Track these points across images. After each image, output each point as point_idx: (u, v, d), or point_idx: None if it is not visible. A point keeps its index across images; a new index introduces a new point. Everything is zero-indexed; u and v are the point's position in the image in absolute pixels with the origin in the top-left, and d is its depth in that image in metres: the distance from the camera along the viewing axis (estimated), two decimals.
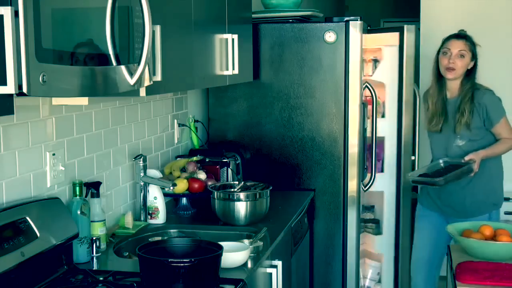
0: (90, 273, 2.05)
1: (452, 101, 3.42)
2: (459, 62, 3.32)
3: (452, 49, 3.34)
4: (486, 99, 3.33)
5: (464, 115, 3.29)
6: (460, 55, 3.33)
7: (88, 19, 1.51)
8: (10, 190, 1.98)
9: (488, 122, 3.34)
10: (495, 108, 3.34)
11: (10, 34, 1.17)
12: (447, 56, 3.35)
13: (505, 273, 2.59)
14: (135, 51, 1.67)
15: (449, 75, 3.34)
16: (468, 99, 3.31)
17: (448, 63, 3.34)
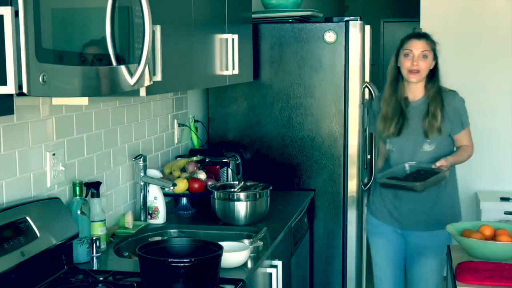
0: (90, 273, 2.05)
1: (416, 105, 3.06)
2: (423, 64, 3.00)
3: (414, 50, 3.00)
4: (457, 102, 3.07)
5: (437, 119, 2.98)
6: (423, 55, 3.01)
7: (88, 19, 1.51)
8: (10, 190, 1.98)
9: (458, 126, 3.08)
10: (465, 112, 3.10)
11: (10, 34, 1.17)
12: (410, 58, 3.00)
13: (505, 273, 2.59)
14: (135, 51, 1.67)
15: (413, 78, 3.00)
16: (438, 103, 3.01)
17: (411, 65, 2.99)
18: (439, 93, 3.02)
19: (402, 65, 3.01)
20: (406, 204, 3.08)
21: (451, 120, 3.02)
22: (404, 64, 3.00)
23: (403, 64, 3.01)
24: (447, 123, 3.02)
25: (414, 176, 2.94)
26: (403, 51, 3.02)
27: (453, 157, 3.05)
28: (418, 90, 3.05)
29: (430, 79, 3.04)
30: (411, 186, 2.91)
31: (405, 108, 3.04)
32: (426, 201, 3.06)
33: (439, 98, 3.01)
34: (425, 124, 3.00)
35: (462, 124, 3.07)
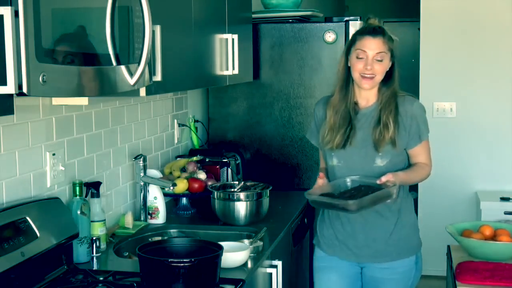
0: (90, 273, 2.05)
1: (366, 112, 2.52)
2: (378, 67, 2.45)
3: (368, 51, 2.44)
4: (416, 109, 2.52)
5: (389, 129, 2.44)
6: (379, 58, 2.44)
7: (88, 19, 1.51)
8: (10, 190, 1.98)
9: (415, 138, 2.50)
10: (425, 122, 2.55)
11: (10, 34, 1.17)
12: (363, 61, 2.44)
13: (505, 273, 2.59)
14: (135, 51, 1.67)
15: (366, 84, 2.45)
16: (392, 109, 2.47)
17: (364, 69, 2.44)
18: (394, 98, 2.49)
19: (354, 67, 2.47)
20: (361, 232, 2.52)
21: (407, 131, 2.48)
22: (355, 67, 2.46)
23: (354, 66, 2.47)
24: (402, 134, 2.47)
25: (351, 193, 2.38)
26: (354, 51, 2.47)
27: (404, 173, 2.46)
28: (371, 95, 2.52)
29: (385, 82, 2.50)
30: (343, 205, 2.33)
31: (354, 115, 2.51)
32: (385, 227, 2.51)
33: (393, 104, 2.48)
34: (375, 134, 2.46)
35: (419, 136, 2.50)
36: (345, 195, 2.35)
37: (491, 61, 4.68)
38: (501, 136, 4.71)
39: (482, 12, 4.66)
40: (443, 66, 4.77)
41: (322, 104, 2.60)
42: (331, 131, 2.51)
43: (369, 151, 2.47)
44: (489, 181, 4.73)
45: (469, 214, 4.67)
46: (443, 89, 4.78)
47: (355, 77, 2.46)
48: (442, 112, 4.78)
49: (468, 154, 4.76)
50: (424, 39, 4.79)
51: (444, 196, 4.73)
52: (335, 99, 2.53)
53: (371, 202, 2.34)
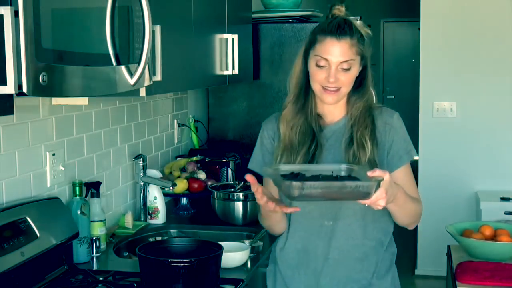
0: (90, 273, 2.05)
1: (335, 128, 1.97)
2: (345, 78, 1.88)
3: (332, 58, 1.86)
4: (397, 122, 1.97)
5: (366, 149, 1.89)
6: (345, 68, 1.88)
7: (88, 19, 1.51)
8: (10, 190, 1.98)
9: (395, 158, 1.93)
10: (408, 139, 1.99)
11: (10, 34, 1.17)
12: (324, 70, 1.88)
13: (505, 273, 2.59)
14: (135, 51, 1.67)
15: (330, 98, 1.90)
16: (367, 124, 1.93)
17: (326, 81, 1.87)
18: (368, 111, 1.95)
19: (313, 76, 1.90)
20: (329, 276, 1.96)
21: (386, 150, 1.94)
22: (315, 76, 1.89)
23: (314, 75, 1.90)
24: (381, 154, 1.93)
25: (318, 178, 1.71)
26: (314, 56, 1.89)
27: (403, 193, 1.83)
28: (337, 106, 1.97)
29: (356, 90, 1.95)
30: (287, 188, 1.61)
31: (319, 132, 1.95)
32: (364, 270, 1.97)
33: (369, 118, 1.94)
34: (348, 156, 1.90)
35: (400, 156, 1.93)
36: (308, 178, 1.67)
37: (491, 61, 4.68)
38: (501, 136, 4.71)
39: (482, 12, 4.66)
40: (443, 66, 4.77)
41: (274, 122, 2.02)
42: (287, 152, 1.92)
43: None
44: (489, 181, 4.73)
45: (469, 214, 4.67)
46: (443, 89, 4.78)
47: (315, 89, 1.91)
48: (442, 112, 4.78)
49: (468, 154, 4.76)
50: (424, 39, 4.79)
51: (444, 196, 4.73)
52: (288, 112, 1.97)
53: (326, 189, 1.62)
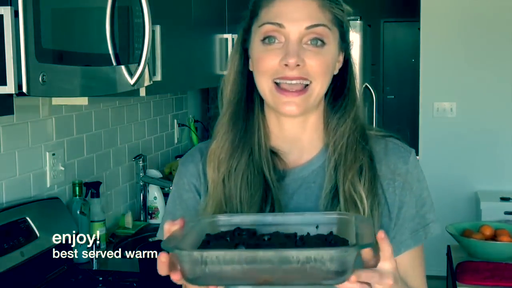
0: (90, 273, 2.05)
1: (301, 172, 1.19)
2: (317, 60, 1.11)
3: (291, 21, 1.11)
4: (413, 174, 1.19)
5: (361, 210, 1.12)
6: (314, 39, 1.11)
7: (88, 19, 1.51)
8: (10, 190, 1.98)
9: (405, 236, 1.18)
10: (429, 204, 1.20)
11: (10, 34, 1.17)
12: (278, 48, 1.11)
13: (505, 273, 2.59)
14: (135, 51, 1.67)
15: (289, 103, 1.11)
16: (363, 166, 1.14)
17: (282, 65, 1.10)
18: (363, 140, 1.17)
19: (258, 64, 1.14)
20: None
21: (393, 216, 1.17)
22: (262, 63, 1.13)
23: (259, 62, 1.13)
24: (386, 223, 1.16)
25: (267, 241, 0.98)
26: (258, 28, 1.14)
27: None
28: (307, 130, 1.20)
29: (335, 101, 1.20)
30: (181, 263, 0.96)
31: (275, 181, 1.16)
32: None
33: (364, 154, 1.16)
34: None
35: (412, 233, 1.18)
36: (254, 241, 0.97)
37: (491, 61, 4.67)
38: (501, 136, 4.71)
39: (482, 12, 4.66)
40: (443, 66, 4.77)
41: (199, 161, 1.25)
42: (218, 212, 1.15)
43: None
44: (489, 181, 4.73)
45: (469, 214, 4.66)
46: (443, 89, 4.78)
47: (263, 90, 1.13)
48: (442, 112, 4.78)
49: (468, 154, 4.75)
50: (424, 39, 4.79)
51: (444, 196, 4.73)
52: (220, 146, 1.18)
53: (254, 269, 0.89)
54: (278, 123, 1.19)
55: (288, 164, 1.19)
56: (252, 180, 1.15)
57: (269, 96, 1.13)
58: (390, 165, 1.17)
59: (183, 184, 1.24)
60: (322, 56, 1.11)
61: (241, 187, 1.15)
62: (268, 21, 1.11)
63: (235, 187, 1.15)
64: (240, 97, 1.19)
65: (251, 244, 0.93)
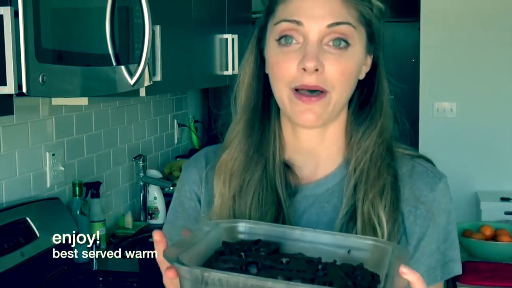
0: (90, 273, 2.05)
1: (316, 189, 1.07)
2: (339, 64, 0.98)
3: (311, 19, 0.97)
4: (442, 198, 1.10)
5: (380, 233, 0.99)
6: (337, 39, 0.98)
7: (88, 19, 1.51)
8: (10, 190, 1.98)
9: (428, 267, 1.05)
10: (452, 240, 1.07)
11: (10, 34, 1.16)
12: (296, 50, 0.99)
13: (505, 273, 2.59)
14: (135, 51, 1.67)
15: (309, 112, 0.99)
16: (386, 187, 1.02)
17: (299, 69, 0.97)
18: (387, 158, 1.05)
19: (274, 69, 1.02)
20: None
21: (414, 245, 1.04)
22: (277, 67, 1.01)
23: (275, 67, 1.02)
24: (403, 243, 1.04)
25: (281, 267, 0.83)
26: (274, 26, 1.02)
27: None
28: (325, 142, 1.08)
29: (361, 111, 1.08)
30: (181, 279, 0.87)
31: (286, 199, 1.05)
32: None
33: (389, 172, 1.04)
34: None
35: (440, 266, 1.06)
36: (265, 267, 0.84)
37: (491, 61, 4.67)
38: (501, 136, 4.71)
39: (482, 12, 4.66)
40: (443, 66, 4.76)
41: (200, 167, 1.14)
42: None
43: None
44: (489, 181, 4.73)
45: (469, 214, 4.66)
46: (443, 89, 4.78)
47: (280, 97, 1.02)
48: (442, 112, 4.78)
49: (468, 154, 4.75)
50: (424, 39, 4.79)
51: None
52: (232, 158, 1.08)
53: None
54: (294, 133, 1.07)
55: (301, 179, 1.07)
56: (264, 198, 1.04)
57: (287, 104, 1.00)
58: (415, 190, 1.05)
59: (185, 192, 1.15)
60: (344, 60, 0.98)
61: (251, 204, 1.04)
62: (285, 18, 0.99)
63: (245, 204, 1.04)
64: (256, 103, 1.09)
65: (266, 265, 0.84)
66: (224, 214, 1.05)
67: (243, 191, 1.04)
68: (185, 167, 1.16)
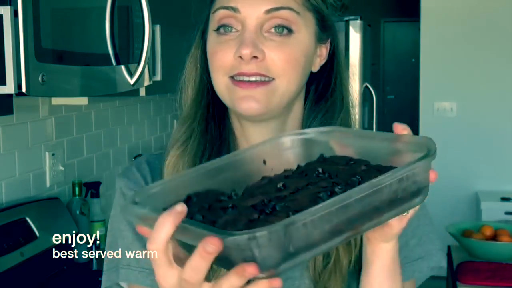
0: (90, 273, 2.05)
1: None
2: (281, 49, 0.89)
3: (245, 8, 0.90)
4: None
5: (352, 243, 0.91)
6: (278, 26, 0.89)
7: (87, 19, 1.51)
8: (10, 190, 1.98)
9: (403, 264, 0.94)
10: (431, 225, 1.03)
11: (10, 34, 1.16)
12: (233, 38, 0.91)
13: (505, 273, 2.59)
14: (135, 51, 1.67)
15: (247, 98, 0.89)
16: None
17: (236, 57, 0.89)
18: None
19: (213, 56, 0.94)
20: None
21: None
22: (215, 57, 0.93)
23: (214, 52, 0.94)
24: None
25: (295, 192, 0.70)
26: (212, 14, 0.95)
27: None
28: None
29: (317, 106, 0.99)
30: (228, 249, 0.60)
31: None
32: None
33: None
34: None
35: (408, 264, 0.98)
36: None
37: (491, 61, 4.67)
38: (501, 136, 4.71)
39: (482, 12, 4.66)
40: (443, 66, 4.77)
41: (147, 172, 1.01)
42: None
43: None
44: (489, 181, 4.73)
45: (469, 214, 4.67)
46: (443, 89, 4.78)
47: (218, 88, 0.94)
48: (442, 112, 4.78)
49: (468, 154, 4.75)
50: (424, 39, 4.79)
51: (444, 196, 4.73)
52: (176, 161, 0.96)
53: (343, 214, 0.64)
54: (242, 129, 0.97)
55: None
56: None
57: (226, 93, 0.91)
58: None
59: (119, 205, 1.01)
60: (287, 47, 0.89)
61: None
62: (221, 6, 0.91)
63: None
64: (206, 100, 0.99)
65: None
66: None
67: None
68: (119, 178, 1.01)
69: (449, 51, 4.74)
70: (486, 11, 4.66)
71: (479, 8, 4.67)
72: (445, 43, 4.74)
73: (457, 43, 4.72)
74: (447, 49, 4.74)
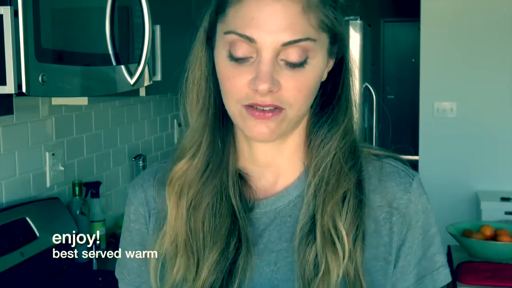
0: (90, 273, 2.05)
1: (275, 203, 0.96)
2: (294, 83, 0.87)
3: (265, 35, 0.85)
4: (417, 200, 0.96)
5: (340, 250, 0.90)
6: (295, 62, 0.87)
7: (88, 19, 1.51)
8: (10, 190, 1.98)
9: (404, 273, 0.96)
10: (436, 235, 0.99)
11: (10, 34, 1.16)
12: (248, 66, 0.88)
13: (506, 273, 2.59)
14: (135, 51, 1.67)
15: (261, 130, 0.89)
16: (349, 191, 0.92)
17: (252, 89, 0.87)
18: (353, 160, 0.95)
19: (226, 83, 0.91)
20: None
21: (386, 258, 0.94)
22: (230, 82, 0.90)
23: (227, 80, 0.91)
24: (375, 265, 0.94)
25: None
26: (223, 35, 0.90)
27: None
28: (283, 151, 0.98)
29: (322, 112, 0.96)
30: None
31: (243, 214, 0.95)
32: None
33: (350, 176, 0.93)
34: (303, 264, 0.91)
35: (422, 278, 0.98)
36: None
37: (491, 61, 4.67)
38: (501, 136, 4.71)
39: (482, 12, 4.66)
40: (443, 66, 4.76)
41: (151, 186, 1.04)
42: (185, 255, 0.95)
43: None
44: (489, 181, 4.73)
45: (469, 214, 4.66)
46: (443, 89, 4.78)
47: (232, 112, 0.93)
48: (442, 112, 4.78)
49: (468, 154, 4.75)
50: (424, 39, 4.79)
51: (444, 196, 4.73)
52: (182, 170, 1.00)
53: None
54: (249, 145, 0.97)
55: (258, 192, 0.96)
56: (218, 209, 0.94)
57: (239, 119, 0.91)
58: (387, 194, 0.94)
59: (129, 213, 1.05)
60: (302, 75, 0.87)
61: (205, 216, 0.94)
62: (235, 31, 0.87)
63: (199, 215, 0.95)
64: (214, 108, 0.97)
65: None
66: (178, 225, 0.95)
67: (198, 201, 0.95)
68: (132, 189, 1.06)
69: (449, 51, 4.74)
70: (486, 11, 4.66)
71: (479, 8, 4.67)
72: (445, 43, 4.74)
73: (457, 43, 4.71)
74: (447, 49, 4.74)
